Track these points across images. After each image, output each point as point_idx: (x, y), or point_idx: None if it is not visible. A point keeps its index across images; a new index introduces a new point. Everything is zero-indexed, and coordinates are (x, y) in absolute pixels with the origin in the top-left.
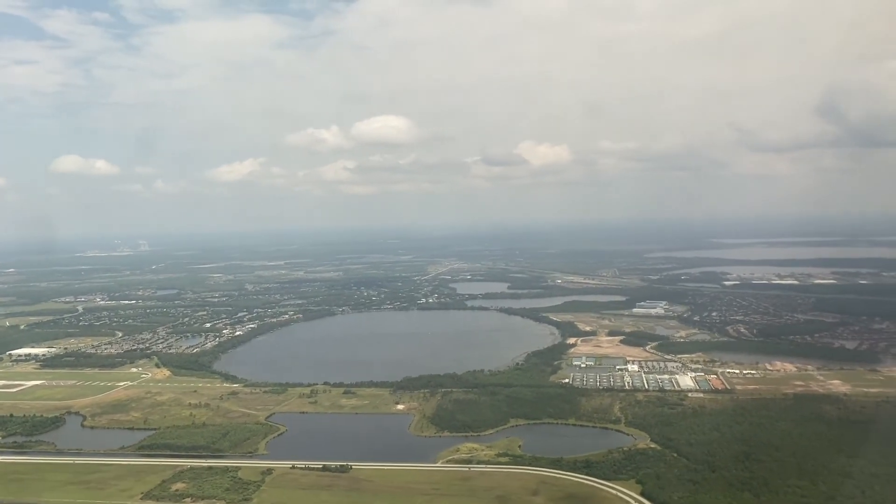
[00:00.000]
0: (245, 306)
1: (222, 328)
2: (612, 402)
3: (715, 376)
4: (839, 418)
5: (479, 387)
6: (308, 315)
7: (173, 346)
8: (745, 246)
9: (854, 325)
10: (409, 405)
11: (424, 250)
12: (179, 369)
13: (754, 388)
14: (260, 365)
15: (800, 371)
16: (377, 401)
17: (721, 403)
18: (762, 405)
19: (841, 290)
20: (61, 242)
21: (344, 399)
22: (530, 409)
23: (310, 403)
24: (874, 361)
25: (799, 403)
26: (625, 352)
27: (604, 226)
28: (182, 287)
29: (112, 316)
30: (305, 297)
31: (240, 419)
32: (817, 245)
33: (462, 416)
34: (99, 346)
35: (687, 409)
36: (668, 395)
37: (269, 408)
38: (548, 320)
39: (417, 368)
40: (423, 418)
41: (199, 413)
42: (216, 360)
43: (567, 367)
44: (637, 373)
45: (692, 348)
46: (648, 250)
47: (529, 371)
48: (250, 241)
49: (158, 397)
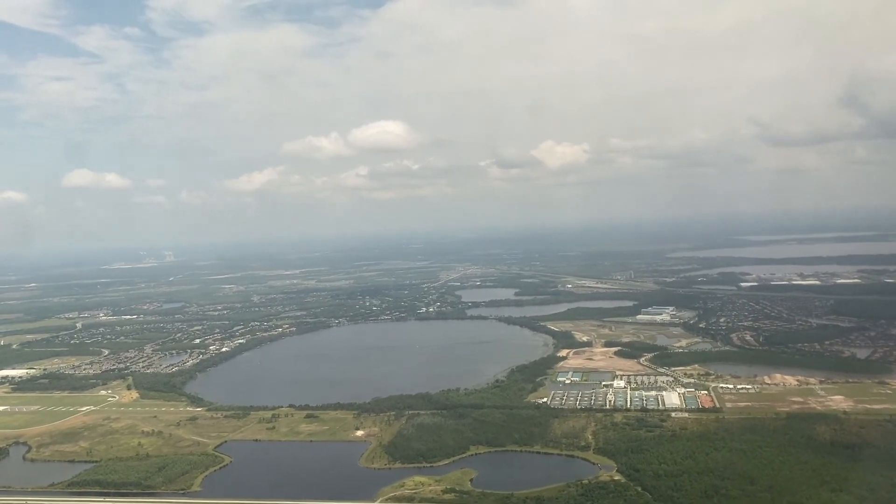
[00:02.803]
0: (243, 319)
1: (210, 344)
2: (586, 424)
3: (706, 392)
4: (832, 442)
5: (450, 408)
6: (302, 328)
7: (154, 364)
8: (773, 243)
9: (871, 330)
10: (370, 431)
11: (443, 255)
12: (149, 391)
13: (745, 406)
14: (233, 385)
15: (800, 385)
16: (338, 426)
17: (705, 425)
18: (749, 427)
19: (864, 290)
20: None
21: (304, 424)
22: (496, 435)
23: (267, 430)
24: (885, 372)
25: (791, 424)
26: (617, 365)
27: (627, 225)
28: (189, 300)
29: (107, 332)
30: (307, 307)
31: (188, 449)
32: (847, 241)
33: (419, 443)
34: (80, 367)
35: (665, 433)
36: (649, 415)
37: (223, 435)
38: (546, 329)
39: (393, 386)
40: (379, 446)
41: (148, 442)
42: (191, 380)
43: (550, 383)
44: (622, 389)
45: (689, 360)
46: (670, 250)
47: (508, 389)
48: (275, 249)
49: (114, 424)
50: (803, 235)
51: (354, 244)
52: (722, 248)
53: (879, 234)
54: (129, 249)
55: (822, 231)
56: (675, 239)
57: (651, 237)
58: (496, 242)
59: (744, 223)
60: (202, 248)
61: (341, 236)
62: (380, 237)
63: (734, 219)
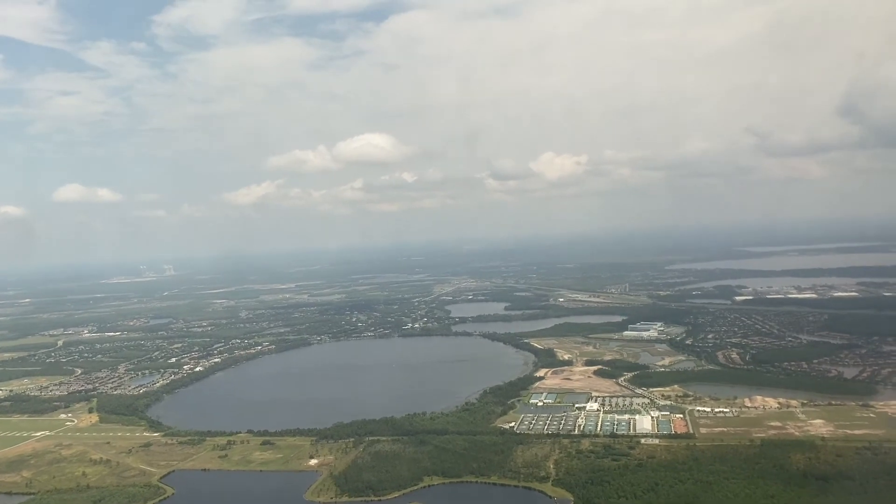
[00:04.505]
0: (225, 336)
1: (186, 363)
2: (550, 452)
3: (681, 416)
4: (805, 472)
5: (413, 434)
6: (282, 346)
7: (124, 385)
8: (774, 254)
9: (862, 347)
10: (324, 459)
11: (442, 267)
12: (110, 414)
13: (720, 432)
14: (197, 408)
15: (781, 408)
16: (293, 453)
17: (674, 453)
18: (720, 455)
19: (861, 304)
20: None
21: (258, 452)
22: (454, 464)
23: (219, 458)
24: (870, 393)
25: (764, 452)
26: (594, 385)
27: (629, 236)
28: (177, 315)
29: (86, 350)
30: (293, 324)
31: (132, 479)
32: (849, 251)
33: (371, 474)
34: (47, 388)
35: (631, 462)
36: (618, 441)
37: (172, 464)
38: (529, 347)
39: (359, 410)
40: (330, 477)
41: (93, 472)
42: (157, 402)
43: (522, 406)
44: (595, 413)
45: (670, 380)
46: (670, 261)
47: (476, 413)
48: (275, 262)
49: (64, 451)
50: (805, 246)
51: (355, 257)
52: (722, 260)
53: (882, 244)
54: (130, 263)
55: (825, 241)
56: (676, 250)
57: (652, 248)
58: (497, 254)
59: (746, 234)
60: (204, 262)
61: (344, 249)
62: (381, 250)
63: (736, 229)
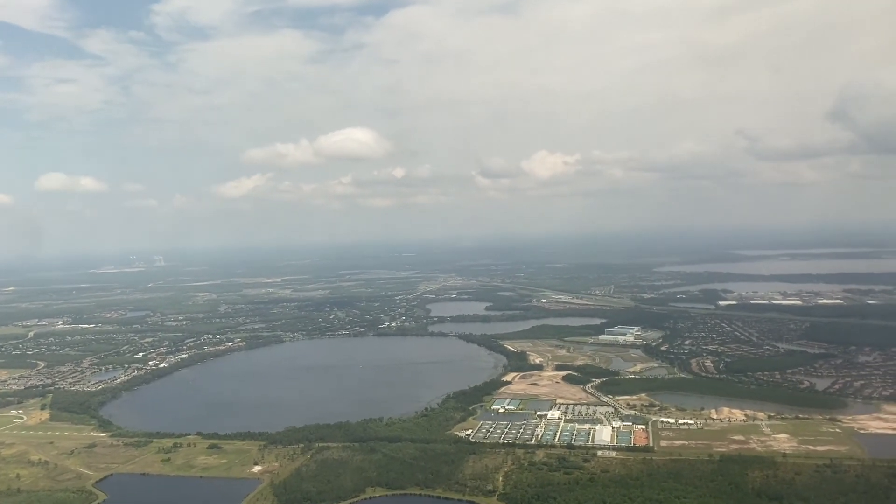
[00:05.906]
0: (198, 331)
1: (152, 359)
2: (501, 463)
3: (643, 427)
4: (759, 491)
5: (365, 441)
6: (253, 343)
7: (84, 380)
8: (764, 258)
9: (838, 357)
10: (268, 466)
11: (432, 264)
12: (62, 412)
13: (681, 445)
14: (152, 407)
15: (747, 420)
16: (238, 459)
17: (629, 467)
18: (676, 471)
19: (844, 312)
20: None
21: (203, 456)
22: (400, 474)
23: (161, 462)
24: (838, 407)
25: (722, 468)
26: (561, 391)
27: (622, 237)
28: (156, 308)
29: (55, 343)
30: (269, 319)
31: (66, 483)
32: (839, 257)
33: (313, 484)
34: (6, 381)
35: (583, 476)
36: (574, 452)
37: (112, 467)
38: (502, 349)
39: (315, 413)
40: (270, 486)
41: (28, 474)
42: (113, 400)
43: (483, 412)
44: (555, 421)
45: (638, 388)
46: (659, 263)
47: (434, 419)
48: (266, 255)
49: (5, 451)
50: (796, 251)
51: (346, 252)
52: (711, 263)
53: (873, 250)
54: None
55: (816, 246)
56: (667, 252)
57: (643, 249)
58: (488, 252)
59: (738, 237)
60: (196, 253)
61: (336, 243)
62: (375, 245)
63: (729, 232)
